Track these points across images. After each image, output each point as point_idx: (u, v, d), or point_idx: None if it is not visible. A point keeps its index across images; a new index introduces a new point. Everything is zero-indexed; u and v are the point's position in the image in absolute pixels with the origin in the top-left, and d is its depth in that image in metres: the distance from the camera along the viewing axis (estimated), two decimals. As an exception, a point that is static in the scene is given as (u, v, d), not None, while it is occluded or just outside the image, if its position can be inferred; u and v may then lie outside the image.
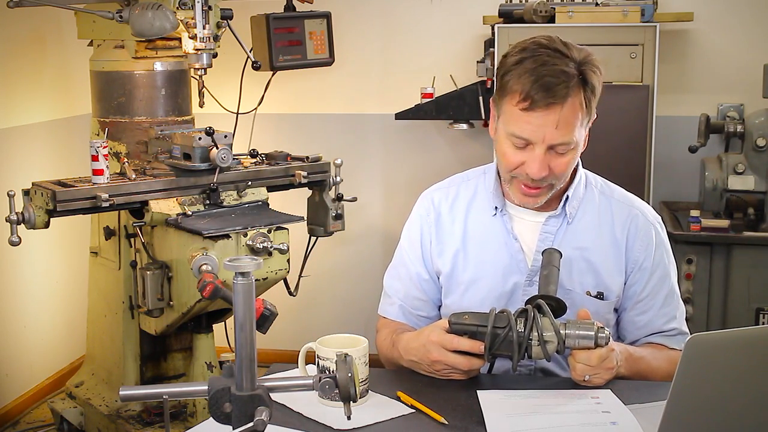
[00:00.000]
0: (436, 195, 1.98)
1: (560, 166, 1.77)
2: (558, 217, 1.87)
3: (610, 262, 1.85)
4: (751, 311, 3.20)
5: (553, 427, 1.51)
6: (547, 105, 1.69)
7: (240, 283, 1.26)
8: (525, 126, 1.73)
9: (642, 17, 3.32)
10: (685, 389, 1.24)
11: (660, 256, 1.88)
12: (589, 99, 1.74)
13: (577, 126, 1.74)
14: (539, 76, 1.69)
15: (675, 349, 1.86)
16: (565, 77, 1.70)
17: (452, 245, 1.92)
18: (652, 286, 1.87)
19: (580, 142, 1.78)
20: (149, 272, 2.72)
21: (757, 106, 3.46)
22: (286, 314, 2.78)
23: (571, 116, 1.72)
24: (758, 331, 1.37)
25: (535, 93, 1.69)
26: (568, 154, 1.76)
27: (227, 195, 2.82)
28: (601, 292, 1.85)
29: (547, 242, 1.85)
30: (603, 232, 1.87)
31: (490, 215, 1.90)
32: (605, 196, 1.91)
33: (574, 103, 1.72)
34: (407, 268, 1.97)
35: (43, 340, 3.88)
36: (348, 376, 1.32)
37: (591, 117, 1.79)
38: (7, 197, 2.55)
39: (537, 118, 1.71)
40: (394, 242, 2.07)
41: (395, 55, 4.08)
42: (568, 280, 1.83)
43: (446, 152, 4.07)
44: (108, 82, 2.97)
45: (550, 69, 1.70)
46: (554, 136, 1.72)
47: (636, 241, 1.86)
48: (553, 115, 1.70)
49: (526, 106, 1.70)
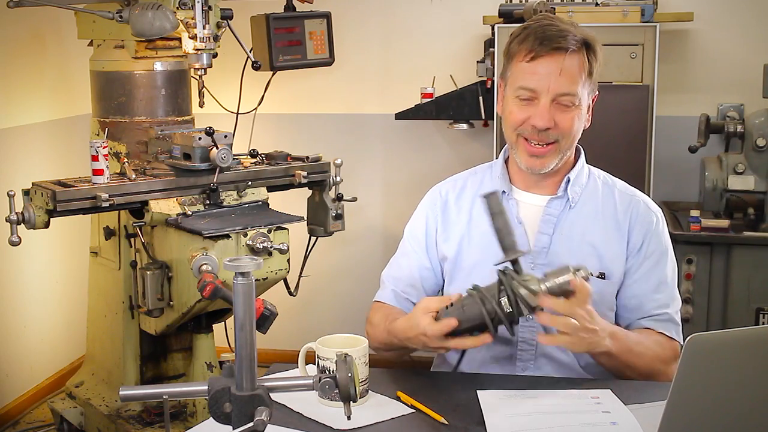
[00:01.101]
0: (443, 187, 2.05)
1: (565, 120, 1.82)
2: (560, 199, 1.91)
3: (613, 245, 1.89)
4: (751, 311, 3.20)
5: (553, 427, 1.51)
6: (551, 50, 1.78)
7: (240, 283, 1.26)
8: (531, 77, 1.81)
9: (642, 17, 3.32)
10: (685, 389, 1.24)
11: (656, 244, 1.90)
12: (590, 62, 1.83)
13: (580, 82, 1.82)
14: (544, 32, 1.80)
15: (663, 334, 1.87)
16: (568, 33, 1.81)
17: (458, 231, 1.96)
18: (644, 270, 1.89)
19: (582, 103, 1.83)
20: (149, 272, 2.72)
21: (757, 106, 3.46)
22: (286, 314, 2.79)
23: (575, 68, 1.80)
24: (758, 331, 1.37)
25: (539, 43, 1.79)
26: (573, 110, 1.82)
27: (227, 195, 2.83)
28: (603, 272, 1.87)
29: (549, 224, 1.89)
30: (606, 216, 1.91)
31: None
32: (608, 186, 1.96)
33: (577, 57, 1.80)
34: (408, 258, 2.01)
35: (43, 340, 3.88)
36: (348, 376, 1.32)
37: (593, 88, 1.86)
38: (7, 197, 2.55)
39: (542, 66, 1.79)
40: (394, 242, 2.07)
41: (395, 55, 4.08)
42: (571, 262, 1.83)
43: (446, 152, 4.07)
44: (108, 82, 2.97)
45: (554, 28, 1.81)
46: (559, 84, 1.79)
47: (636, 226, 1.90)
48: (556, 62, 1.79)
49: (532, 56, 1.80)
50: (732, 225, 3.25)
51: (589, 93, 1.86)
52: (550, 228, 1.89)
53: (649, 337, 1.86)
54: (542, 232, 1.88)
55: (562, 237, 1.88)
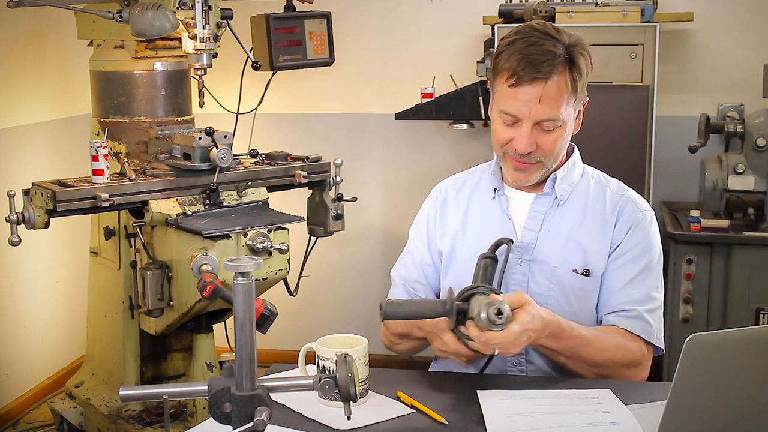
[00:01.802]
0: (445, 185, 2.09)
1: (547, 143, 1.83)
2: (547, 196, 1.92)
3: (597, 242, 1.89)
4: (751, 311, 3.20)
5: (553, 427, 1.51)
6: (531, 80, 1.77)
7: (240, 283, 1.26)
8: (512, 102, 1.80)
9: (642, 17, 3.32)
10: (685, 389, 1.24)
11: (637, 240, 1.88)
12: (575, 79, 1.81)
13: (562, 104, 1.80)
14: (526, 54, 1.78)
15: (628, 332, 1.83)
16: (550, 56, 1.78)
17: (453, 227, 1.99)
18: (619, 264, 1.87)
19: (567, 120, 1.83)
20: (149, 272, 2.72)
21: (757, 106, 3.46)
22: (286, 314, 2.79)
23: (556, 93, 1.79)
24: (758, 331, 1.37)
25: (521, 69, 1.77)
26: (555, 132, 1.82)
27: (227, 195, 2.83)
28: (588, 269, 1.87)
29: (536, 221, 1.91)
30: (594, 214, 1.91)
31: (490, 199, 1.98)
32: (600, 186, 1.96)
33: (559, 81, 1.78)
34: (412, 254, 2.04)
35: (43, 340, 3.88)
36: (348, 376, 1.33)
37: (580, 99, 1.86)
38: (7, 197, 2.55)
39: (523, 94, 1.79)
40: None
41: (395, 55, 4.08)
42: (556, 258, 1.88)
43: (446, 152, 4.07)
44: (108, 82, 2.97)
45: (537, 48, 1.78)
46: (539, 111, 1.79)
47: (620, 221, 1.90)
48: (537, 90, 1.77)
49: (513, 82, 1.79)
50: (732, 225, 3.25)
51: (576, 106, 1.85)
52: (537, 224, 1.91)
53: (610, 336, 1.82)
54: (529, 228, 1.91)
55: (549, 234, 1.89)
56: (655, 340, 1.85)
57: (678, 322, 3.25)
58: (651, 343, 1.85)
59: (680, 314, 3.25)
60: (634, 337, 1.83)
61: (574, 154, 1.97)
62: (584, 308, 1.88)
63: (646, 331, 1.84)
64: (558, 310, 1.79)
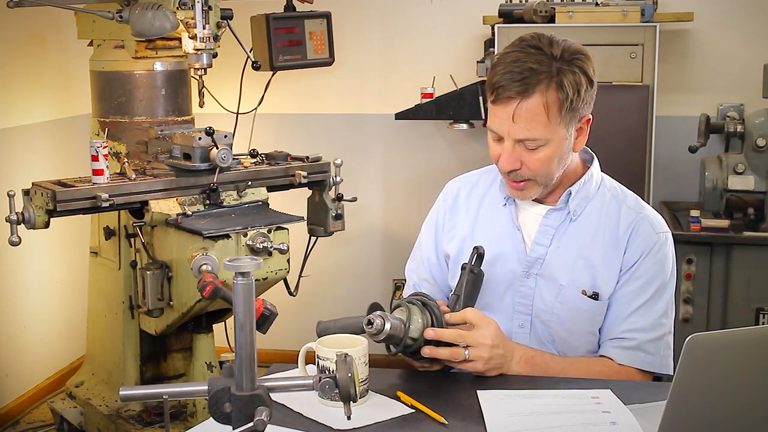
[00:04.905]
0: (457, 183, 2.04)
1: (532, 162, 1.77)
2: (560, 211, 1.87)
3: (608, 263, 1.83)
4: (751, 311, 3.20)
5: (553, 427, 1.51)
6: (506, 99, 1.72)
7: (240, 283, 1.26)
8: (493, 119, 1.78)
9: (642, 17, 3.32)
10: (685, 389, 1.24)
11: (649, 266, 1.82)
12: (561, 98, 1.72)
13: (543, 123, 1.72)
14: (507, 71, 1.72)
15: (623, 365, 1.80)
16: (530, 74, 1.71)
17: (462, 231, 1.96)
18: (628, 290, 1.82)
19: (555, 139, 1.75)
20: (149, 272, 2.72)
21: (757, 106, 3.46)
22: (286, 314, 2.78)
23: (535, 112, 1.72)
24: (758, 331, 1.37)
25: (499, 87, 1.73)
26: (540, 151, 1.76)
27: (227, 195, 2.83)
28: (597, 292, 1.83)
29: (547, 235, 1.86)
30: (606, 232, 1.85)
31: (501, 205, 1.93)
32: (617, 200, 1.89)
33: (538, 100, 1.71)
34: (421, 252, 2.03)
35: (43, 340, 3.88)
36: (348, 376, 1.32)
37: (574, 116, 1.76)
38: (7, 197, 2.55)
39: (499, 111, 1.75)
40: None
41: (395, 55, 4.08)
42: (565, 276, 1.83)
43: (446, 152, 4.07)
44: (108, 82, 2.97)
45: (520, 65, 1.72)
46: (515, 130, 1.74)
47: (633, 244, 1.83)
48: (509, 109, 1.72)
49: (492, 99, 1.76)
50: (732, 225, 3.25)
51: (571, 124, 1.76)
52: (547, 239, 1.86)
53: (590, 366, 1.81)
54: (539, 243, 1.86)
55: (559, 250, 1.85)
56: (656, 368, 1.82)
57: (678, 322, 3.25)
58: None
59: (680, 314, 3.25)
60: (622, 367, 1.81)
61: (592, 165, 1.91)
62: (587, 330, 1.85)
63: (648, 362, 1.81)
64: (560, 328, 1.79)
